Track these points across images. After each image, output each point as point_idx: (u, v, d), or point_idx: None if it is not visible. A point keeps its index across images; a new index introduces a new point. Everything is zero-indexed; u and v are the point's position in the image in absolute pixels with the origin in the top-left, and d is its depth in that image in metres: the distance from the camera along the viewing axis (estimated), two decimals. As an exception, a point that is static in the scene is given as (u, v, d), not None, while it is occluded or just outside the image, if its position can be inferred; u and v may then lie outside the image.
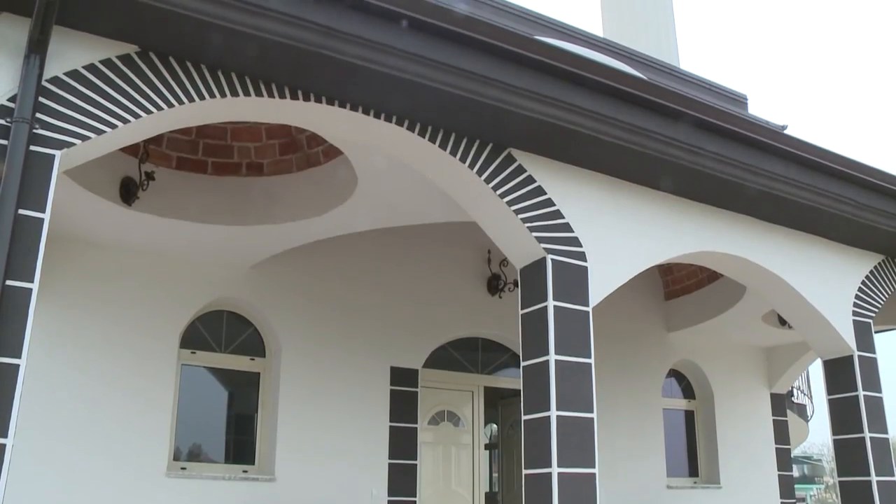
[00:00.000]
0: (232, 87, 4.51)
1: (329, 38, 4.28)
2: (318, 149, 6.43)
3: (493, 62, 4.76)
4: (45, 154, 3.97)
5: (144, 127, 4.42)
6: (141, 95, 4.28)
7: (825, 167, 6.32)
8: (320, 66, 4.45)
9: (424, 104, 4.86)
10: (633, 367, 9.76)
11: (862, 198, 6.62)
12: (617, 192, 5.91)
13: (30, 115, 3.91)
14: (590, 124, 5.19)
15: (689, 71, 10.58)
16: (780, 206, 6.43)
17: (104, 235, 6.84)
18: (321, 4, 4.24)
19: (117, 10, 4.03)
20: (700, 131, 5.67)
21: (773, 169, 6.07)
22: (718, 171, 5.84)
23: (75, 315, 6.80)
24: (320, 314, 7.88)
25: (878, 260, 7.55)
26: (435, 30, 4.53)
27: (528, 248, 5.48)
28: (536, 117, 5.02)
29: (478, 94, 4.77)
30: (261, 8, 4.10)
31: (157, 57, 4.37)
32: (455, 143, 5.19)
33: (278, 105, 4.69)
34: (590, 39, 9.10)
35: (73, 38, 4.19)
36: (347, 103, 4.83)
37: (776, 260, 6.70)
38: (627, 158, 5.59)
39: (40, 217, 3.87)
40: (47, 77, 4.07)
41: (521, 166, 5.45)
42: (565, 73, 5.00)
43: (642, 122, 5.36)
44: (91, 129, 4.12)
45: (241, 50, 4.31)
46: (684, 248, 6.17)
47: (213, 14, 4.05)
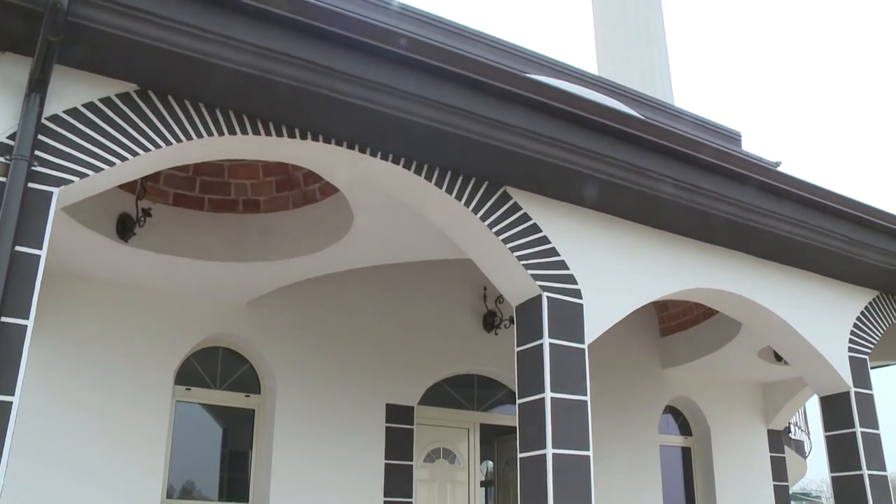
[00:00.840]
0: (230, 125, 4.55)
1: (327, 78, 4.33)
2: (314, 186, 6.47)
3: (488, 101, 4.81)
4: (43, 191, 3.99)
5: (143, 164, 4.45)
6: (139, 133, 4.31)
7: (818, 204, 6.37)
8: (318, 105, 4.50)
9: (421, 143, 4.91)
10: (630, 403, 9.73)
11: (855, 234, 6.66)
12: (612, 230, 5.95)
13: (28, 152, 3.94)
14: (585, 162, 5.24)
15: (684, 108, 10.69)
16: (774, 242, 6.46)
17: (100, 271, 6.84)
18: (319, 44, 4.30)
19: (117, 49, 4.07)
20: (694, 169, 5.72)
21: (767, 206, 6.11)
22: (712, 208, 5.88)
23: (69, 350, 6.78)
24: (316, 351, 7.86)
25: (873, 296, 7.57)
26: (431, 69, 4.58)
27: (524, 285, 5.50)
28: (532, 156, 5.06)
29: (474, 132, 4.82)
30: (259, 48, 4.16)
31: (157, 95, 4.41)
32: (451, 181, 5.23)
33: (276, 143, 4.73)
34: (584, 77, 9.19)
35: (74, 76, 4.23)
36: (344, 141, 4.87)
37: (771, 296, 6.72)
38: (622, 196, 5.63)
39: (37, 254, 3.88)
40: (47, 115, 4.10)
41: (516, 204, 5.49)
42: (560, 112, 5.05)
43: (637, 160, 5.41)
44: (89, 167, 4.15)
45: (239, 89, 4.36)
46: (679, 285, 6.19)
47: (211, 53, 4.10)
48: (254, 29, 4.15)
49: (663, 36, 18.29)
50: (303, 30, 4.26)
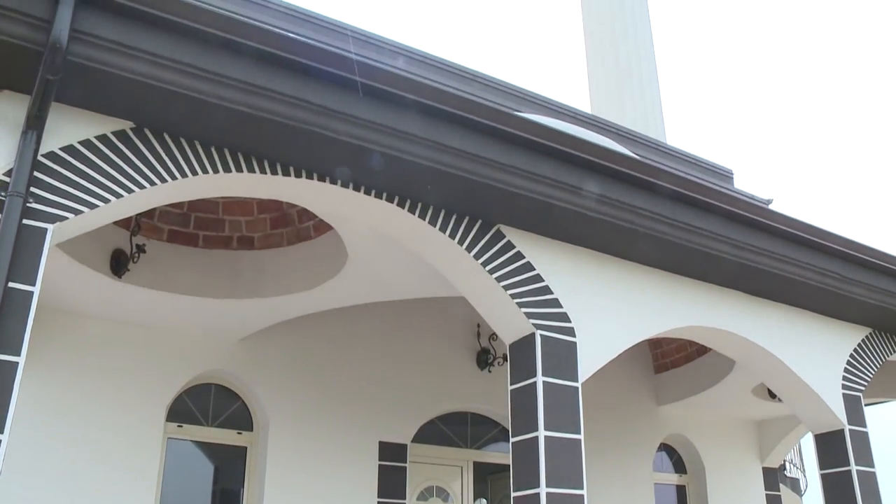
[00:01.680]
0: (225, 163, 4.58)
1: (321, 117, 4.37)
2: (308, 223, 6.49)
3: (482, 140, 4.86)
4: (37, 228, 4.00)
5: (138, 201, 4.47)
6: (135, 171, 4.34)
7: (809, 241, 6.41)
8: (312, 144, 4.54)
9: (414, 181, 4.94)
10: (624, 441, 9.68)
11: (847, 271, 6.70)
12: (605, 268, 5.97)
13: (24, 189, 3.96)
14: (578, 201, 5.27)
15: (676, 146, 10.77)
16: (767, 279, 6.49)
17: (93, 307, 6.82)
18: (314, 84, 4.34)
19: (115, 88, 4.11)
20: (687, 207, 5.77)
21: (759, 243, 6.15)
22: (705, 245, 5.91)
23: (61, 385, 6.74)
24: (309, 387, 7.82)
25: (866, 333, 7.59)
26: (425, 108, 4.63)
27: (517, 323, 5.50)
28: (525, 194, 5.09)
29: (467, 171, 4.85)
30: (254, 87, 4.20)
31: (152, 133, 4.44)
32: (444, 219, 5.26)
33: (270, 181, 4.76)
34: (578, 116, 9.28)
35: (71, 114, 4.26)
36: (339, 180, 4.90)
37: (764, 334, 6.73)
38: (616, 234, 5.66)
39: (30, 290, 3.88)
40: (43, 152, 4.12)
41: (509, 242, 5.52)
42: (554, 151, 5.10)
43: (630, 198, 5.45)
44: (84, 204, 4.16)
45: (234, 127, 4.39)
46: (673, 323, 6.20)
47: (207, 92, 4.14)
48: (250, 68, 4.19)
49: (655, 75, 18.52)
50: (298, 69, 4.31)
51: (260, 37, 4.17)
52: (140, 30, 4.00)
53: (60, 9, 3.76)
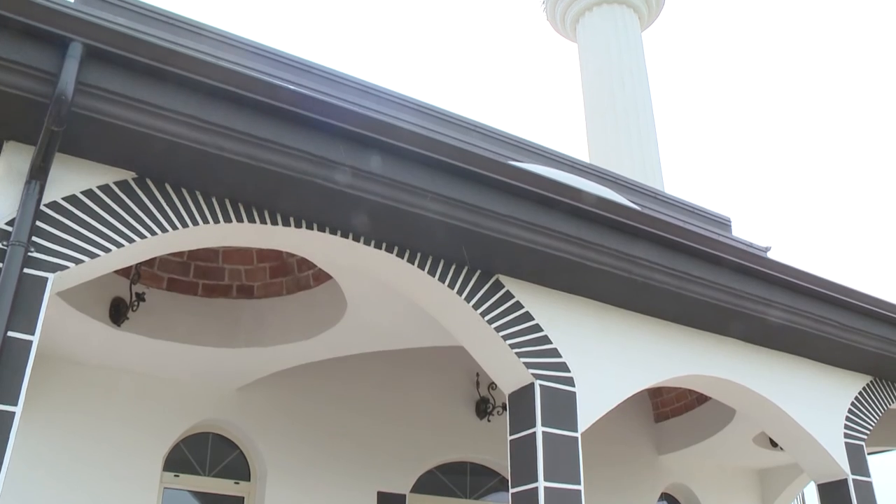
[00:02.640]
0: (225, 213, 4.61)
1: (321, 168, 4.42)
2: (308, 272, 6.51)
3: (480, 190, 4.90)
4: (38, 277, 4.02)
5: (138, 251, 4.49)
6: (136, 221, 4.37)
7: (807, 290, 6.42)
8: (312, 194, 4.58)
9: (413, 231, 4.97)
10: (625, 491, 9.57)
11: (846, 319, 6.70)
12: (604, 317, 5.97)
13: (26, 238, 3.98)
14: (576, 251, 5.30)
15: (674, 195, 10.84)
16: (766, 328, 6.49)
17: (91, 355, 6.81)
18: (312, 135, 4.40)
19: (118, 139, 4.16)
20: (685, 256, 5.79)
21: (757, 292, 6.16)
22: (704, 295, 5.92)
23: (57, 434, 6.69)
24: (307, 437, 7.77)
25: (867, 381, 7.56)
26: (424, 159, 4.69)
27: (517, 373, 5.49)
28: (524, 245, 5.12)
29: (466, 221, 4.89)
30: (255, 138, 4.25)
31: (154, 183, 4.48)
32: (444, 269, 5.29)
33: (270, 231, 4.79)
34: (576, 165, 9.35)
35: (74, 164, 4.31)
36: (338, 230, 4.94)
37: (764, 382, 6.71)
38: (614, 284, 5.68)
39: (29, 339, 3.88)
40: (46, 202, 4.16)
41: (508, 292, 5.53)
42: (551, 202, 5.14)
43: (628, 248, 5.47)
44: (85, 253, 4.19)
45: (235, 177, 4.44)
46: (672, 372, 6.19)
47: (209, 143, 4.19)
48: (251, 119, 4.25)
49: (653, 124, 18.71)
50: (299, 121, 4.37)
51: (261, 89, 4.24)
52: (144, 82, 4.07)
53: (67, 62, 3.83)
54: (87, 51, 3.92)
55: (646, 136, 18.11)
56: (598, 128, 18.55)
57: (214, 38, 7.39)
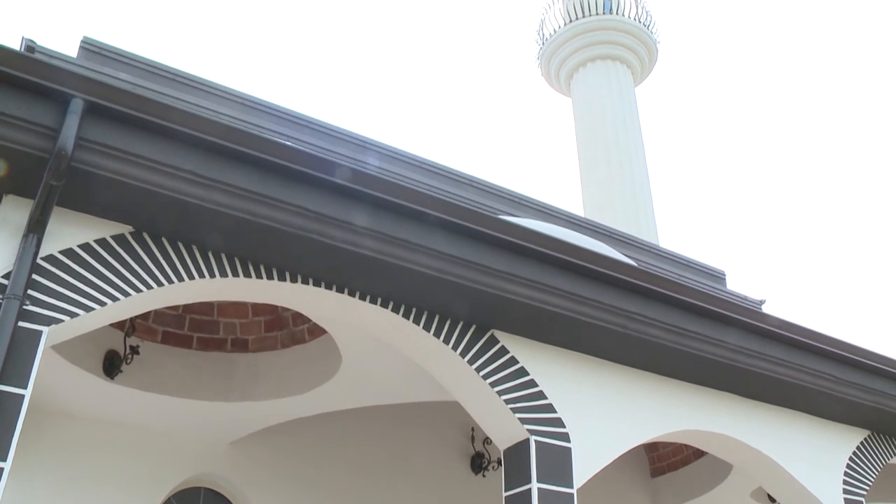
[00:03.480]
0: (221, 267, 4.63)
1: (317, 223, 4.45)
2: (303, 326, 6.51)
3: (475, 246, 4.93)
4: (32, 330, 4.01)
5: (134, 304, 4.49)
6: (132, 275, 4.38)
7: (802, 343, 6.42)
8: (308, 250, 4.60)
9: (409, 287, 4.98)
10: (622, 548, 9.43)
11: (841, 373, 6.68)
12: (600, 372, 5.96)
13: (22, 292, 3.98)
14: (571, 306, 5.31)
15: (669, 249, 10.89)
16: (762, 383, 6.47)
17: (83, 408, 6.75)
18: (309, 190, 4.44)
19: (116, 193, 4.20)
20: (680, 311, 5.80)
21: (752, 347, 6.16)
22: (699, 349, 5.92)
23: (47, 488, 6.60)
24: (300, 492, 7.66)
25: (864, 435, 7.51)
26: (419, 215, 4.72)
27: (512, 428, 5.46)
28: (519, 300, 5.14)
29: (461, 277, 4.91)
30: (252, 193, 4.29)
31: (150, 237, 4.50)
32: (439, 324, 5.29)
33: (266, 286, 4.80)
34: (571, 219, 9.42)
35: (71, 218, 4.34)
36: (333, 285, 4.95)
37: (761, 437, 6.66)
38: (609, 339, 5.68)
39: (21, 393, 3.86)
40: (43, 255, 4.17)
41: (503, 347, 5.53)
42: (547, 258, 5.17)
43: (623, 303, 5.49)
44: (81, 307, 4.19)
45: (231, 232, 4.46)
46: (668, 427, 6.15)
47: (206, 198, 4.22)
48: (248, 175, 4.30)
49: (647, 177, 18.87)
50: (295, 176, 4.41)
51: (257, 145, 4.29)
52: (143, 137, 4.12)
53: (68, 118, 3.88)
54: (87, 107, 3.98)
55: (640, 189, 18.25)
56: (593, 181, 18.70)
57: (214, 93, 7.49)
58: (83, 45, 7.09)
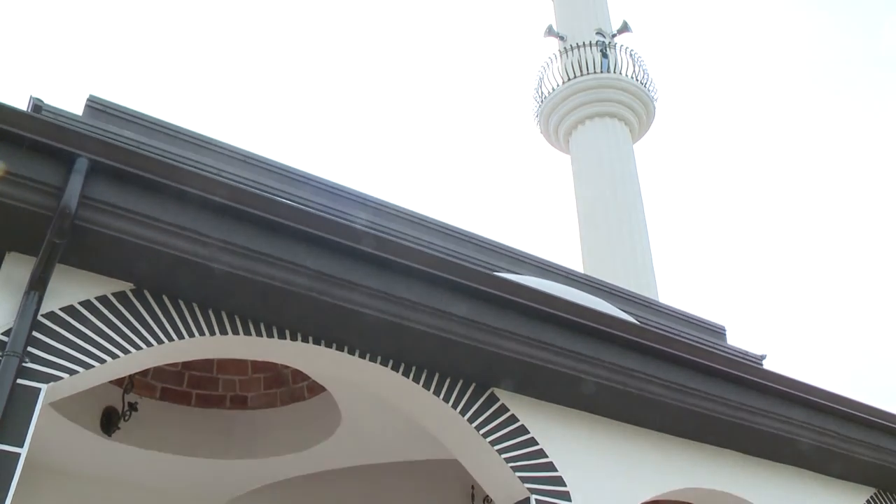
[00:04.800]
0: (222, 325, 4.64)
1: (317, 282, 4.48)
2: (302, 384, 6.50)
3: (475, 305, 4.95)
4: (31, 387, 4.00)
5: (134, 362, 4.49)
6: (133, 332, 4.38)
7: (804, 400, 6.39)
8: (308, 308, 4.62)
9: (408, 345, 4.99)
10: None
11: (845, 430, 6.63)
12: (601, 430, 5.92)
13: (21, 349, 3.98)
14: (572, 364, 5.31)
15: (669, 304, 10.89)
16: (764, 440, 6.42)
17: (79, 466, 6.69)
18: (311, 250, 4.47)
19: (117, 250, 4.23)
20: (680, 368, 5.79)
21: (754, 403, 6.13)
22: (700, 406, 5.89)
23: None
24: (297, 552, 7.54)
25: (870, 493, 7.42)
26: (419, 274, 4.75)
27: (512, 487, 5.41)
28: (519, 358, 5.14)
29: (461, 335, 4.91)
30: (252, 251, 4.32)
31: (151, 295, 4.52)
32: (438, 382, 5.28)
33: (266, 343, 4.80)
34: (570, 275, 9.43)
35: (73, 275, 4.35)
36: (333, 343, 4.95)
37: (764, 495, 6.58)
38: (610, 397, 5.66)
39: (17, 452, 3.83)
40: (43, 312, 4.18)
41: (503, 406, 5.50)
42: (546, 316, 5.18)
43: (623, 360, 5.49)
44: (80, 364, 4.18)
45: (232, 290, 4.49)
46: (670, 485, 6.09)
47: (206, 256, 4.26)
48: (249, 233, 4.33)
49: (645, 232, 18.96)
50: (295, 235, 4.45)
51: (258, 204, 4.34)
52: (146, 196, 4.16)
53: (73, 177, 3.93)
54: (92, 166, 4.03)
55: (639, 245, 18.31)
56: (592, 237, 18.75)
57: (216, 150, 7.57)
58: (89, 103, 7.19)
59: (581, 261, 18.77)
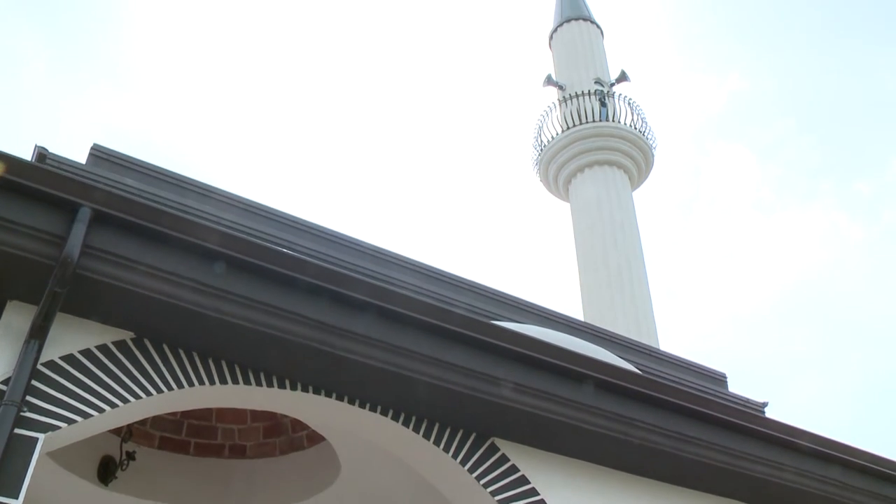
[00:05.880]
0: (221, 374, 4.63)
1: (318, 331, 4.48)
2: (302, 433, 6.47)
3: (475, 354, 4.94)
4: (28, 437, 3.96)
5: (132, 411, 4.47)
6: (132, 381, 4.37)
7: (805, 448, 6.34)
8: (309, 358, 4.62)
9: (409, 395, 4.97)
10: None
11: (848, 479, 6.56)
12: (602, 480, 5.86)
13: (20, 398, 3.95)
14: (573, 414, 5.28)
15: (669, 352, 10.87)
16: (768, 489, 6.35)
17: (75, 516, 6.61)
18: (311, 299, 4.49)
19: (119, 299, 4.23)
20: (682, 417, 5.76)
21: (756, 452, 6.09)
22: (702, 455, 5.84)
23: None
24: None
25: (875, 544, 7.32)
26: (418, 324, 4.75)
27: (513, 538, 5.34)
28: (519, 408, 5.12)
29: (461, 385, 4.90)
30: (252, 301, 4.34)
31: (152, 343, 4.51)
32: (438, 432, 5.25)
33: (265, 393, 4.79)
34: (570, 323, 9.42)
35: (73, 324, 4.35)
36: (333, 392, 4.94)
37: (768, 547, 6.50)
38: (611, 447, 5.62)
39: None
40: (43, 361, 4.16)
41: (504, 455, 5.46)
42: (547, 365, 5.17)
43: (624, 410, 5.46)
44: (79, 413, 4.16)
45: (233, 340, 4.49)
46: (673, 536, 6.02)
47: (207, 306, 4.27)
48: (250, 283, 4.35)
49: (645, 279, 18.98)
50: (295, 284, 4.46)
51: (259, 254, 4.37)
52: (148, 245, 4.19)
53: (75, 226, 3.95)
54: (94, 215, 4.05)
55: (639, 292, 18.32)
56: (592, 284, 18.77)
57: (218, 199, 7.62)
58: (92, 151, 7.27)
59: (581, 308, 18.77)
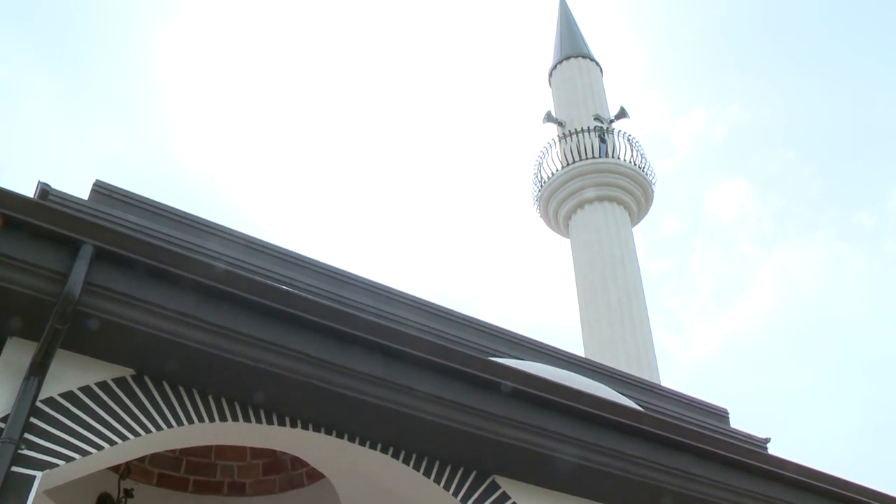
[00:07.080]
0: (221, 412, 4.61)
1: (318, 369, 4.48)
2: (301, 471, 6.43)
3: (476, 391, 4.94)
4: (25, 475, 3.94)
5: (131, 449, 4.44)
6: (132, 418, 4.35)
7: (807, 485, 6.29)
8: (307, 395, 4.61)
9: (408, 432, 4.96)
10: None
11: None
12: (603, 518, 5.82)
13: (18, 435, 3.93)
14: (573, 451, 5.26)
15: (670, 388, 10.83)
16: (770, 528, 6.30)
17: (71, 556, 6.54)
18: (311, 336, 4.49)
19: (119, 336, 4.24)
20: (683, 454, 5.73)
21: (758, 489, 6.04)
22: (703, 493, 5.80)
23: None
24: None
25: (879, 584, 7.23)
26: (418, 361, 4.75)
27: (514, 576, 5.29)
28: (519, 445, 5.09)
29: (461, 422, 4.88)
30: (253, 338, 4.34)
31: (151, 381, 4.50)
32: (439, 470, 5.22)
33: (265, 430, 4.77)
34: (572, 360, 9.40)
35: (73, 360, 4.34)
36: (333, 430, 4.92)
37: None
38: (612, 484, 5.58)
39: (5, 545, 3.76)
40: (42, 398, 4.15)
41: (505, 493, 5.42)
42: (548, 402, 5.16)
43: (625, 447, 5.44)
44: (77, 451, 4.13)
45: (233, 377, 4.48)
46: (675, 576, 5.94)
47: (207, 343, 4.27)
48: (250, 320, 4.36)
49: (646, 315, 18.95)
50: (295, 321, 4.47)
51: (259, 290, 4.38)
52: (149, 282, 4.20)
53: (77, 263, 3.96)
54: (96, 252, 4.07)
55: (639, 327, 18.29)
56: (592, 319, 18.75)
57: (219, 235, 7.66)
58: (95, 188, 7.31)
59: (582, 343, 18.72)
